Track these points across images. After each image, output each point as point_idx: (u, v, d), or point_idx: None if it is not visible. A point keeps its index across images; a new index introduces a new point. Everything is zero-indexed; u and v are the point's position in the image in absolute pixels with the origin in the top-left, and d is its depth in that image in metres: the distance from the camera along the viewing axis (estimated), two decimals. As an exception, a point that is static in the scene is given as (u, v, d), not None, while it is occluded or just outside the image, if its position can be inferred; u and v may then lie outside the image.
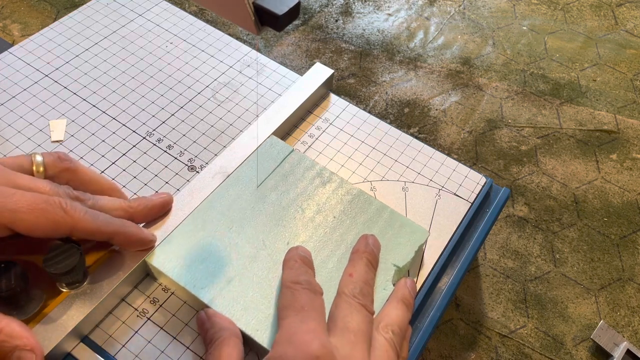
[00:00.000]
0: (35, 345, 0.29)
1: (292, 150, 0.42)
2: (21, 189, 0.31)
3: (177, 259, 0.36)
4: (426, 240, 0.39)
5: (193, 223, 0.38)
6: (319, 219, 0.39)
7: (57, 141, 0.44)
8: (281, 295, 0.32)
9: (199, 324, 0.34)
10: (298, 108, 0.46)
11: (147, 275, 0.37)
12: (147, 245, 0.36)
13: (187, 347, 0.35)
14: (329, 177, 0.41)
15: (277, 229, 0.38)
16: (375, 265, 0.36)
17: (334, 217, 0.39)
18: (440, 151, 0.47)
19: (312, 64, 0.52)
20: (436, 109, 0.67)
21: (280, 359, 0.28)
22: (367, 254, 0.35)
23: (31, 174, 0.34)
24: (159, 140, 0.45)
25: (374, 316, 0.33)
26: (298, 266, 0.34)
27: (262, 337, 0.33)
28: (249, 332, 0.33)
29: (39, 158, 0.34)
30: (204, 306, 0.35)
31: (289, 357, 0.28)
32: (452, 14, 0.80)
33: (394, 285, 0.36)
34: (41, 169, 0.34)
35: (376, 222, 0.39)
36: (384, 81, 0.70)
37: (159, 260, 0.36)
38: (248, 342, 0.34)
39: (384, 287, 0.36)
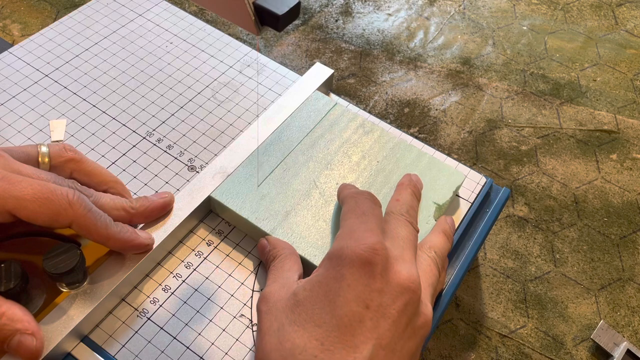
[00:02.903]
0: (36, 330, 0.30)
1: (336, 104, 0.46)
2: None
3: (238, 195, 0.40)
4: (462, 183, 0.43)
5: (251, 164, 0.42)
6: (364, 164, 0.43)
7: (57, 141, 0.44)
8: (345, 203, 0.36)
9: (260, 249, 0.38)
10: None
11: (210, 212, 0.41)
12: (143, 250, 0.36)
13: (187, 347, 0.35)
14: (370, 128, 0.45)
15: (327, 172, 0.42)
16: (418, 197, 0.40)
17: (378, 161, 0.43)
18: (441, 151, 0.47)
19: (312, 64, 0.52)
20: (436, 109, 0.67)
21: (341, 249, 0.31)
22: (412, 186, 0.40)
23: (37, 163, 0.34)
24: (159, 140, 0.45)
25: (419, 242, 0.37)
26: (356, 187, 0.38)
27: (319, 261, 0.37)
28: (307, 256, 0.37)
29: (44, 149, 0.35)
30: (265, 235, 0.38)
31: (350, 247, 0.31)
32: (452, 14, 0.80)
33: (435, 220, 0.40)
34: (46, 159, 0.35)
35: (416, 166, 0.43)
36: (384, 81, 0.70)
37: (223, 196, 0.39)
38: (305, 267, 0.37)
39: (426, 222, 0.40)
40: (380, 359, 0.29)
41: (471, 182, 0.45)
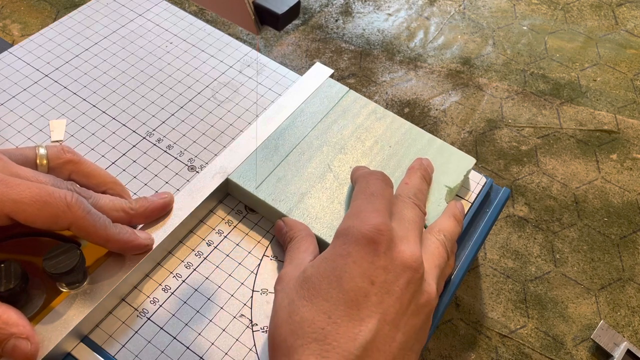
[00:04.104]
0: (31, 334, 0.30)
1: (349, 90, 0.48)
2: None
3: (255, 178, 0.41)
4: (473, 167, 0.44)
5: (267, 148, 0.43)
6: (377, 148, 0.44)
7: (57, 141, 0.44)
8: (357, 183, 0.37)
9: (277, 230, 0.39)
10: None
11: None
12: (142, 250, 0.36)
13: (187, 347, 0.35)
14: (383, 114, 0.46)
15: (341, 156, 0.43)
16: (429, 181, 0.41)
17: (390, 146, 0.44)
18: (441, 151, 0.47)
19: (312, 64, 0.52)
20: (436, 109, 0.67)
21: (348, 229, 0.32)
22: (422, 170, 0.41)
23: (35, 165, 0.34)
24: (159, 140, 0.45)
25: (429, 225, 0.38)
26: (369, 168, 0.39)
27: None
28: (322, 236, 0.38)
29: (42, 150, 0.35)
30: (282, 216, 0.39)
31: (355, 227, 0.32)
32: (452, 13, 0.80)
33: (446, 202, 0.41)
34: (44, 161, 0.35)
35: (428, 150, 0.44)
36: (384, 81, 0.70)
37: (240, 179, 0.40)
38: (321, 247, 0.38)
39: (438, 204, 0.41)
40: (384, 333, 0.30)
41: (471, 182, 0.45)
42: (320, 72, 0.49)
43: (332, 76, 0.49)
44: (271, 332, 0.32)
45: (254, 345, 0.35)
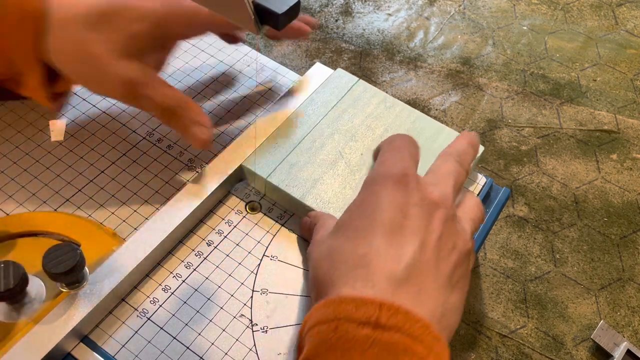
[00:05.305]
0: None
1: (358, 80, 0.48)
2: None
3: (269, 164, 0.42)
4: (481, 154, 0.44)
5: (280, 136, 0.43)
6: (387, 136, 0.44)
7: (57, 141, 0.44)
8: (382, 144, 0.37)
9: (303, 226, 0.40)
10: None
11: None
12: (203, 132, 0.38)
13: (187, 347, 0.35)
14: (392, 103, 0.47)
15: (352, 143, 0.44)
16: (465, 163, 0.39)
17: None
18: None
19: (312, 64, 0.52)
20: (436, 109, 0.67)
21: (375, 175, 0.33)
22: (456, 155, 0.38)
23: None
24: (159, 140, 0.45)
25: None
26: None
27: None
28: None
29: None
30: (295, 201, 0.40)
31: (381, 174, 0.33)
32: (452, 13, 0.80)
33: None
34: None
35: (437, 138, 0.45)
36: (384, 81, 0.70)
37: (254, 165, 0.41)
38: None
39: None
40: (426, 258, 0.30)
41: (471, 182, 0.45)
42: (320, 72, 0.49)
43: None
44: (312, 274, 0.32)
45: (254, 345, 0.35)
